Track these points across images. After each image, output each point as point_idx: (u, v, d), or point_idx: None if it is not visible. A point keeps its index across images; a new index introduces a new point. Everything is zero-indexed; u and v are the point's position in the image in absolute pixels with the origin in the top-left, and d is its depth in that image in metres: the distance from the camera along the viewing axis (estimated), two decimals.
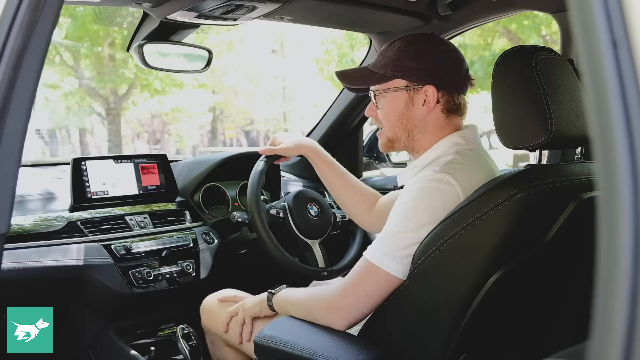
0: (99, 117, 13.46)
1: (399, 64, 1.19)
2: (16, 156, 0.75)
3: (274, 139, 1.55)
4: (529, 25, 8.01)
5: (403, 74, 1.20)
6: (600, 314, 0.44)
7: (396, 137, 1.24)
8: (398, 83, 1.21)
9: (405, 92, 1.20)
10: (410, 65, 1.19)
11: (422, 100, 1.19)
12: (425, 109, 1.20)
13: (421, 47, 1.20)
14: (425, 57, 1.20)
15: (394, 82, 1.21)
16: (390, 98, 1.22)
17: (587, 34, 0.46)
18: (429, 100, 1.19)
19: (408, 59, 1.19)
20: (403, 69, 1.19)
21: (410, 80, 1.19)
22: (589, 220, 0.54)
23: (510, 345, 1.20)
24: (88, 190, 1.65)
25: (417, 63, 1.19)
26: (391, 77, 1.21)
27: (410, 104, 1.20)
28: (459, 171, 1.11)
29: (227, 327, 1.37)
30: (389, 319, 1.11)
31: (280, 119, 17.70)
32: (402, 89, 1.20)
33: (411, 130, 1.22)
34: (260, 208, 1.47)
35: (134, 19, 9.72)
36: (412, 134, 1.22)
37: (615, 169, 0.43)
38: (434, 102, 1.19)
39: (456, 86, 1.21)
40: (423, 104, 1.19)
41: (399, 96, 1.21)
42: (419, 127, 1.21)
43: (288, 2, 1.45)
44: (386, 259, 1.09)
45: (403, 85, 1.20)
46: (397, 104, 1.21)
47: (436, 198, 1.08)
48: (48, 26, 0.76)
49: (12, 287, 1.43)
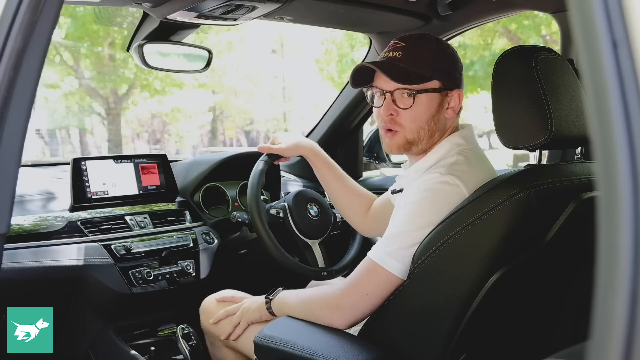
0: (99, 117, 13.45)
1: (435, 65, 1.17)
2: (16, 156, 0.75)
3: (274, 138, 1.55)
4: (529, 25, 8.01)
5: (441, 76, 1.18)
6: (600, 314, 0.43)
7: (418, 139, 1.20)
8: (434, 84, 1.18)
9: (439, 94, 1.18)
10: (446, 67, 1.18)
11: (447, 104, 1.19)
12: (451, 112, 1.19)
13: (447, 48, 1.20)
14: (455, 59, 1.20)
15: (431, 82, 1.17)
16: (424, 99, 1.18)
17: (587, 34, 0.46)
18: (455, 104, 1.19)
19: (442, 60, 1.18)
20: (441, 70, 1.18)
21: (445, 83, 1.18)
22: (589, 220, 0.54)
23: (510, 345, 1.20)
24: (88, 190, 1.65)
25: (450, 65, 1.19)
26: (429, 78, 1.17)
27: (440, 106, 1.19)
28: (464, 172, 1.12)
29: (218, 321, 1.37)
30: (389, 319, 1.11)
31: (280, 119, 17.69)
32: (437, 90, 1.18)
33: (434, 133, 1.20)
34: (260, 208, 1.47)
35: (134, 19, 9.71)
36: (434, 137, 1.20)
37: (615, 169, 0.43)
38: (459, 106, 1.20)
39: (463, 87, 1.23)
40: (448, 107, 1.19)
41: (433, 98, 1.18)
42: (440, 130, 1.21)
43: (288, 2, 1.45)
44: (390, 258, 1.09)
45: (437, 86, 1.18)
46: (431, 106, 1.18)
47: (442, 200, 1.08)
48: (48, 26, 0.76)
49: (12, 287, 1.43)
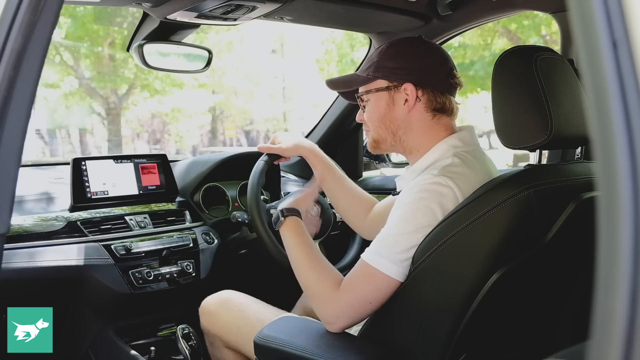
0: (99, 117, 13.45)
1: (379, 65, 1.21)
2: (16, 156, 0.75)
3: (274, 138, 1.55)
4: (529, 25, 8.00)
5: (383, 74, 1.21)
6: (600, 314, 0.43)
7: (381, 138, 1.25)
8: (379, 84, 1.22)
9: (386, 93, 1.21)
10: (390, 65, 1.21)
11: (403, 100, 1.20)
12: (406, 107, 1.20)
13: (402, 47, 1.22)
14: (405, 56, 1.21)
15: (375, 83, 1.22)
16: (372, 99, 1.23)
17: (587, 34, 0.46)
18: (408, 98, 1.20)
19: (388, 59, 1.21)
20: (383, 69, 1.21)
21: (390, 80, 1.21)
22: (589, 220, 0.54)
23: (510, 345, 1.20)
24: (88, 190, 1.65)
25: (396, 62, 1.20)
26: (373, 79, 1.22)
27: (391, 103, 1.21)
28: (458, 174, 1.11)
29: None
30: (389, 319, 1.11)
31: (280, 119, 17.69)
32: (383, 89, 1.21)
33: (395, 130, 1.23)
34: (260, 208, 1.47)
35: (134, 19, 9.72)
36: (397, 134, 1.23)
37: (615, 169, 0.43)
38: (413, 99, 1.19)
39: (438, 84, 1.20)
40: (404, 103, 1.20)
41: (380, 97, 1.22)
42: (403, 127, 1.22)
43: (288, 2, 1.45)
44: (384, 261, 1.08)
45: (384, 85, 1.21)
46: (379, 105, 1.23)
47: (435, 201, 1.08)
48: (48, 26, 0.76)
49: (12, 287, 1.43)
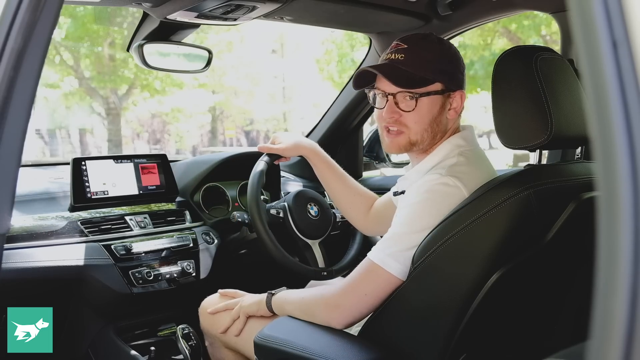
0: (99, 117, 13.44)
1: (437, 67, 1.17)
2: (16, 156, 0.75)
3: (274, 138, 1.55)
4: (529, 25, 8.01)
5: (444, 78, 1.17)
6: (600, 314, 0.43)
7: (421, 140, 1.20)
8: (436, 87, 1.18)
9: (441, 97, 1.18)
10: (449, 69, 1.18)
11: (449, 105, 1.19)
12: (453, 113, 1.19)
13: (450, 49, 1.20)
14: (457, 60, 1.20)
15: (433, 85, 1.17)
16: (427, 102, 1.17)
17: (587, 34, 0.46)
18: (456, 105, 1.19)
19: (445, 62, 1.18)
20: (443, 72, 1.17)
21: (448, 85, 1.18)
22: (589, 220, 0.54)
23: (510, 345, 1.20)
24: (88, 190, 1.65)
25: (452, 67, 1.18)
26: (432, 81, 1.17)
27: (442, 108, 1.19)
28: (465, 174, 1.12)
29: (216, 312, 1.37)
30: (389, 319, 1.11)
31: (280, 119, 17.69)
32: (439, 92, 1.18)
33: (436, 134, 1.20)
34: (260, 208, 1.47)
35: (134, 19, 9.71)
36: (436, 138, 1.21)
37: (615, 169, 0.43)
38: (461, 107, 1.20)
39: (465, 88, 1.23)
40: (450, 109, 1.19)
41: (435, 100, 1.18)
42: (442, 131, 1.21)
43: (288, 2, 1.45)
44: (390, 259, 1.09)
45: (439, 89, 1.18)
46: (433, 109, 1.18)
47: (442, 201, 1.08)
48: (48, 26, 0.76)
49: (12, 287, 1.43)
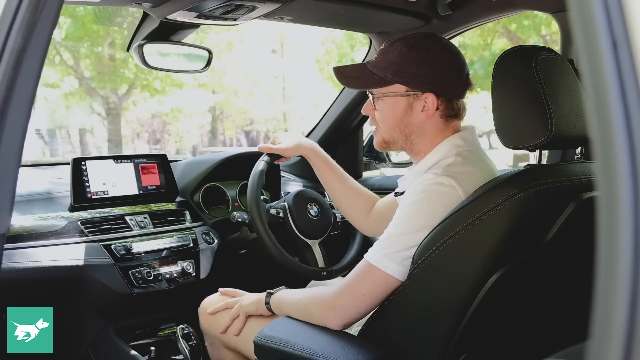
0: (99, 117, 13.44)
1: (399, 69, 1.16)
2: (16, 156, 0.75)
3: (274, 138, 1.55)
4: (529, 25, 8.00)
5: (404, 80, 1.17)
6: (600, 314, 0.43)
7: (393, 140, 1.23)
8: (398, 88, 1.18)
9: (404, 98, 1.18)
10: (412, 71, 1.16)
11: (421, 107, 1.17)
12: (424, 115, 1.18)
13: (423, 52, 1.16)
14: (427, 63, 1.16)
15: (393, 86, 1.18)
16: (388, 102, 1.20)
17: (587, 34, 0.46)
18: (428, 107, 1.17)
19: (410, 64, 1.16)
20: (404, 74, 1.16)
21: (411, 87, 1.17)
22: (589, 220, 0.54)
23: (510, 345, 1.20)
24: (88, 190, 1.65)
25: (419, 69, 1.16)
26: (391, 82, 1.18)
27: (409, 109, 1.18)
28: (461, 173, 1.11)
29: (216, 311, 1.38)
30: (388, 319, 1.11)
31: (280, 119, 17.69)
32: (402, 94, 1.18)
33: (409, 135, 1.21)
34: (260, 208, 1.47)
35: (134, 19, 9.71)
36: (410, 138, 1.21)
37: (615, 169, 0.43)
38: (433, 109, 1.17)
39: (456, 92, 1.19)
40: (422, 110, 1.17)
41: (398, 101, 1.19)
42: (417, 132, 1.20)
43: (288, 2, 1.45)
44: (386, 260, 1.09)
45: (403, 90, 1.18)
46: (396, 109, 1.19)
47: (438, 201, 1.08)
48: (48, 26, 0.76)
49: (12, 287, 1.43)
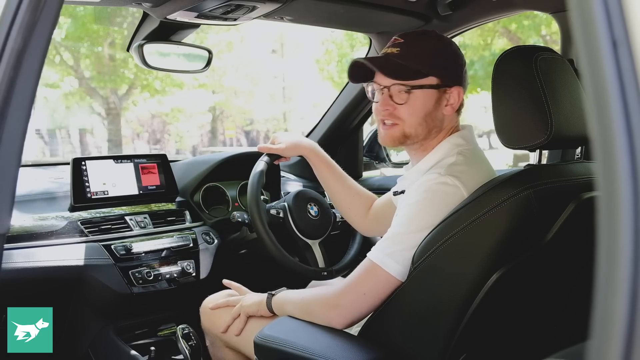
0: (99, 117, 13.45)
1: (433, 62, 1.16)
2: (16, 156, 0.75)
3: (274, 138, 1.55)
4: (529, 25, 8.01)
5: (438, 72, 1.16)
6: (600, 314, 0.43)
7: (415, 134, 1.19)
8: (431, 81, 1.17)
9: (436, 91, 1.17)
10: (444, 64, 1.17)
11: (446, 101, 1.18)
12: (449, 109, 1.19)
13: (447, 45, 1.20)
14: (455, 56, 1.19)
15: (427, 79, 1.17)
16: (420, 95, 1.17)
17: (587, 34, 0.46)
18: (453, 101, 1.18)
19: (441, 56, 1.17)
20: (437, 67, 1.17)
21: (443, 80, 1.17)
22: (589, 220, 0.54)
23: (510, 345, 1.20)
24: (88, 190, 1.65)
25: (449, 62, 1.18)
26: (426, 75, 1.16)
27: (437, 103, 1.18)
28: (464, 173, 1.11)
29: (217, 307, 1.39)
30: (388, 319, 1.11)
31: (280, 119, 17.69)
32: (434, 87, 1.17)
33: (432, 129, 1.20)
34: (260, 208, 1.47)
35: (134, 19, 9.71)
36: (431, 133, 1.20)
37: (615, 169, 0.43)
38: (458, 103, 1.19)
39: (465, 85, 1.22)
40: (446, 105, 1.18)
41: (430, 94, 1.17)
42: (438, 127, 1.20)
43: (288, 2, 1.45)
44: (389, 259, 1.09)
45: (434, 83, 1.17)
46: (427, 102, 1.17)
47: (442, 200, 1.08)
48: (48, 26, 0.76)
49: (12, 287, 1.43)
